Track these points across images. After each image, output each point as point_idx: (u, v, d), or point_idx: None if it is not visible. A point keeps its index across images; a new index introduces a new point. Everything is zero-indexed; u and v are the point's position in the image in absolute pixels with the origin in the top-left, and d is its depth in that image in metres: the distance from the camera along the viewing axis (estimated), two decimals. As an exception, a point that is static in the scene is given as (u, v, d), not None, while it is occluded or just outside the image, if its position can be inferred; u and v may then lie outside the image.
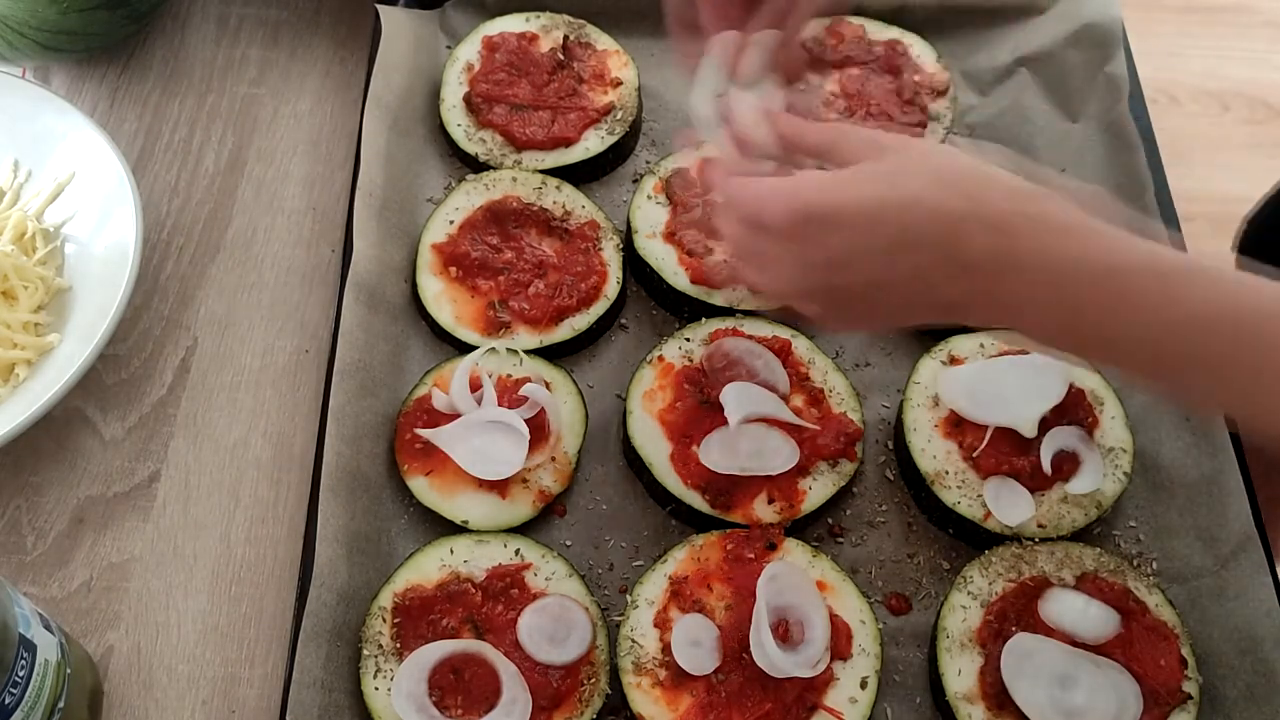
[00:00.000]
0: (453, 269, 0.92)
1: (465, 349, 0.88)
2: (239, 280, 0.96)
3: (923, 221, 0.59)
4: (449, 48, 1.07)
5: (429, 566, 0.78)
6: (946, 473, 0.83)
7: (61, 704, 0.68)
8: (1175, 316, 0.56)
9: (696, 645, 0.75)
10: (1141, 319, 0.57)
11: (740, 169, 0.69)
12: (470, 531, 0.81)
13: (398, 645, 0.75)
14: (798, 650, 0.74)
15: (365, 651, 0.75)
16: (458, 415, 0.83)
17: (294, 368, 0.92)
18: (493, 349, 0.87)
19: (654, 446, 0.84)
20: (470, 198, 0.95)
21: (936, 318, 0.63)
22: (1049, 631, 0.76)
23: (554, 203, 0.95)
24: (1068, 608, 0.76)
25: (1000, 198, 0.59)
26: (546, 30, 1.06)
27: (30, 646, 0.64)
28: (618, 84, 1.03)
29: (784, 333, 0.89)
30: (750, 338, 0.88)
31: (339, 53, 1.10)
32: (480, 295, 0.91)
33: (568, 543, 0.83)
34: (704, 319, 0.91)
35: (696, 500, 0.82)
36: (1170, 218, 0.97)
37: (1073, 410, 0.85)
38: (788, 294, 0.66)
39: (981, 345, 0.89)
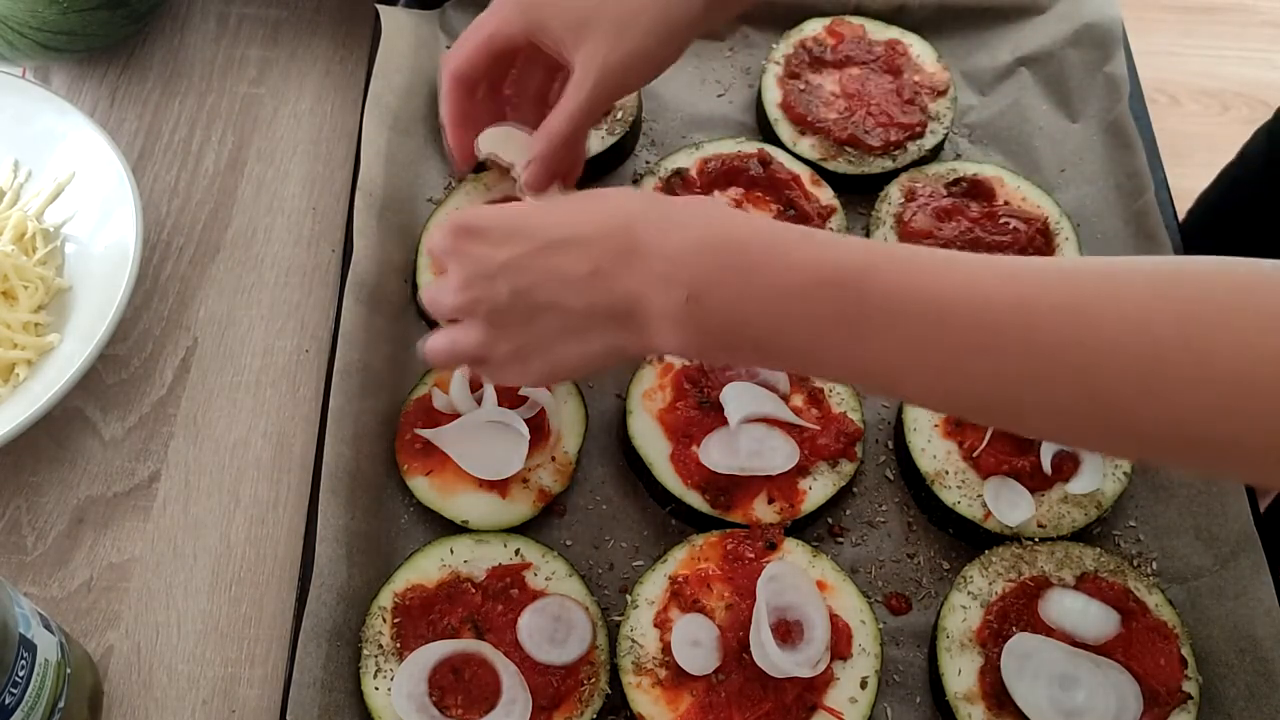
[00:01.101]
0: (453, 269, 0.92)
1: (465, 349, 0.88)
2: (239, 280, 0.96)
3: (571, 224, 0.62)
4: (449, 48, 1.06)
5: (429, 566, 0.78)
6: (946, 473, 0.83)
7: (61, 704, 0.68)
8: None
9: (696, 645, 0.75)
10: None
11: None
12: (470, 531, 0.81)
13: (398, 645, 0.75)
14: (798, 650, 0.74)
15: (365, 651, 0.75)
16: (458, 415, 0.83)
17: (294, 368, 0.92)
18: (493, 349, 0.87)
19: (654, 446, 0.84)
20: (470, 198, 0.95)
21: (614, 330, 0.62)
22: (1049, 631, 0.76)
23: (554, 203, 0.95)
24: (1068, 608, 0.76)
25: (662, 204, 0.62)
26: (546, 30, 1.05)
27: (30, 646, 0.64)
28: (618, 84, 1.02)
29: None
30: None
31: (339, 53, 1.10)
32: (480, 295, 0.91)
33: (568, 543, 0.83)
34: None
35: (696, 500, 0.82)
36: (1170, 218, 0.97)
37: (1073, 410, 0.85)
38: (452, 309, 0.67)
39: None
